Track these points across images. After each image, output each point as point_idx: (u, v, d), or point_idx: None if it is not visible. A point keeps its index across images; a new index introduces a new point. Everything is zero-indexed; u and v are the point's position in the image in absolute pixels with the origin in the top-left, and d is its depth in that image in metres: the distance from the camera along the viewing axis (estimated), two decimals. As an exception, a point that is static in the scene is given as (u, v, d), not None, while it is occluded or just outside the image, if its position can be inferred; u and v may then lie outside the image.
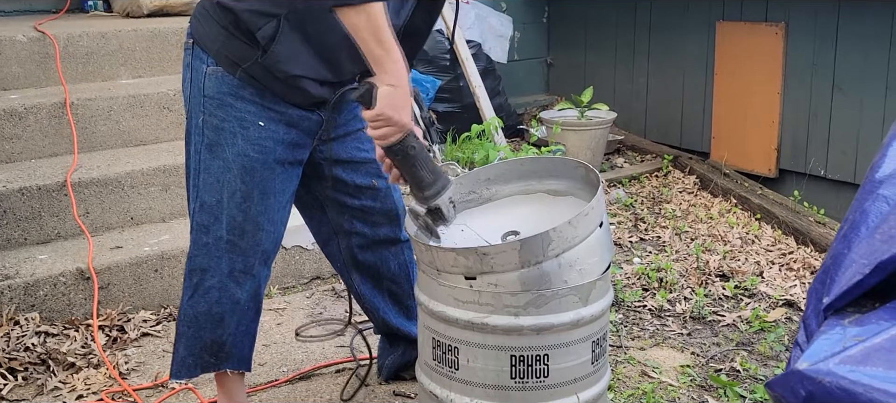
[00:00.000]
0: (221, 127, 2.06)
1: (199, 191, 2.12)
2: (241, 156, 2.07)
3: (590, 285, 1.95)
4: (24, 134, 3.48)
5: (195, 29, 2.08)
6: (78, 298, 2.99)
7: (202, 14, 2.08)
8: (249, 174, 2.08)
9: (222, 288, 2.17)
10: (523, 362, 1.95)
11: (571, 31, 5.77)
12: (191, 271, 2.18)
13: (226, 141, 2.06)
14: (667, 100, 5.18)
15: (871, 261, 1.12)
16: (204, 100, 2.06)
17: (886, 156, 1.23)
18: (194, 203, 2.13)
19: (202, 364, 2.25)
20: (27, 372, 2.67)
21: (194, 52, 2.08)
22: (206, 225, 2.13)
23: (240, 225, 2.12)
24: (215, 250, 2.14)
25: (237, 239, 2.13)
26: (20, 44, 3.84)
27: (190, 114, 2.12)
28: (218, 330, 2.21)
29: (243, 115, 2.06)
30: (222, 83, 2.04)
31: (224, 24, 2.01)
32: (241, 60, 2.02)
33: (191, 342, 2.23)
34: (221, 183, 2.09)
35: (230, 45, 2.02)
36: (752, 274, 3.46)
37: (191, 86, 2.09)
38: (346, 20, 1.87)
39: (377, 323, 2.59)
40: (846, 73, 4.23)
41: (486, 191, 2.28)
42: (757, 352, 2.86)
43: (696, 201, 4.43)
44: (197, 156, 2.11)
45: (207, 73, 2.05)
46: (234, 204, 2.10)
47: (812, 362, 1.00)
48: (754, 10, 4.61)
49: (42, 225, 3.20)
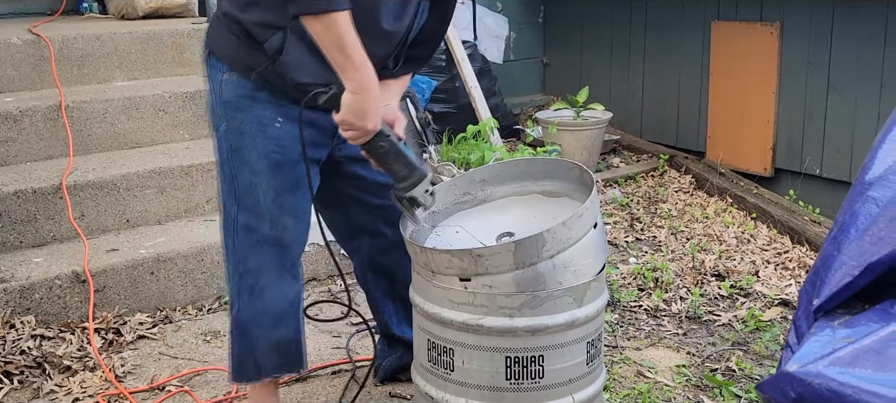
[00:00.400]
0: (242, 130, 2.11)
1: (237, 195, 2.15)
2: (264, 156, 2.11)
3: (584, 286, 1.95)
4: (19, 137, 3.48)
5: (210, 38, 2.15)
6: (74, 301, 2.99)
7: (215, 23, 2.15)
8: (277, 170, 2.12)
9: (276, 286, 2.20)
10: (518, 363, 1.95)
11: (567, 31, 5.77)
12: (245, 272, 2.19)
13: (248, 144, 2.11)
14: (663, 100, 5.19)
15: (861, 263, 1.13)
16: (224, 106, 2.12)
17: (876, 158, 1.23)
18: (234, 207, 2.16)
19: (275, 364, 2.26)
20: (23, 376, 2.67)
21: (210, 61, 2.14)
22: (251, 227, 2.16)
23: (281, 222, 2.16)
24: (265, 248, 2.17)
25: (281, 234, 2.17)
26: (15, 46, 3.83)
27: (215, 123, 2.17)
28: (281, 328, 2.24)
29: (261, 116, 2.10)
30: (238, 87, 2.09)
31: (235, 32, 2.06)
32: (254, 65, 2.06)
33: (260, 341, 2.23)
34: (254, 184, 2.13)
35: (242, 51, 2.06)
36: (748, 274, 3.46)
37: (212, 95, 2.15)
38: (309, 28, 1.92)
39: (380, 325, 2.61)
40: (841, 73, 4.24)
41: (480, 193, 2.29)
42: (752, 352, 2.86)
43: (691, 200, 4.44)
44: (229, 163, 2.15)
45: (224, 80, 2.10)
46: (269, 201, 2.14)
47: (802, 364, 1.01)
48: (749, 10, 4.61)
49: (37, 228, 3.20)
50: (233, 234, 2.19)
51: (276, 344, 2.25)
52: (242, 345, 2.26)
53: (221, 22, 2.11)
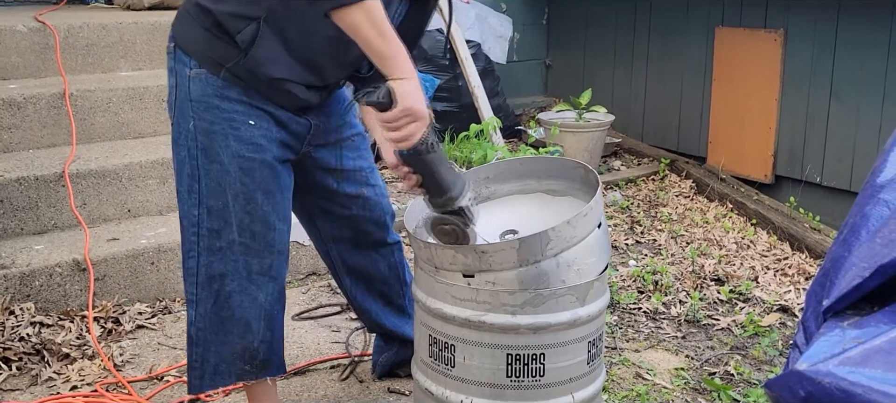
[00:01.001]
0: (212, 130, 2.00)
1: (201, 196, 2.05)
2: (236, 157, 2.02)
3: (587, 285, 1.95)
4: (22, 124, 3.47)
5: (177, 32, 2.04)
6: (73, 289, 2.99)
7: (183, 16, 2.04)
8: (249, 175, 2.03)
9: (243, 292, 2.11)
10: (519, 361, 1.95)
11: (571, 33, 5.78)
12: (209, 278, 2.10)
13: (218, 144, 2.01)
14: (665, 104, 5.19)
15: (872, 265, 1.13)
16: (191, 104, 2.01)
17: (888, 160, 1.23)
18: (198, 208, 2.06)
19: (237, 371, 2.18)
20: (21, 363, 2.67)
21: (176, 55, 2.03)
22: (216, 230, 2.06)
23: (249, 227, 2.07)
24: (230, 254, 2.08)
25: (249, 240, 2.07)
26: (20, 34, 3.83)
27: (178, 119, 2.05)
28: (247, 335, 2.15)
29: (232, 116, 2.00)
30: (207, 85, 1.99)
31: (206, 25, 1.97)
32: (223, 60, 1.97)
33: (221, 349, 2.15)
34: (223, 186, 2.03)
35: (212, 46, 1.97)
36: (747, 279, 3.47)
37: (176, 90, 2.03)
38: (345, 21, 1.84)
39: (371, 326, 2.59)
40: (843, 81, 4.25)
41: (484, 190, 2.29)
42: (751, 356, 2.87)
43: (692, 205, 4.44)
44: (193, 162, 2.04)
45: (191, 77, 2.00)
46: (239, 207, 2.05)
47: (812, 363, 1.01)
48: (754, 17, 4.62)
49: (39, 215, 3.20)
50: (195, 237, 2.08)
51: (242, 352, 2.16)
52: (203, 355, 2.16)
53: (191, 14, 2.00)
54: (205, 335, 2.14)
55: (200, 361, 2.17)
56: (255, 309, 2.14)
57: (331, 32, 1.92)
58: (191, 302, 2.15)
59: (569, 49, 5.81)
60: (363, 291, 2.50)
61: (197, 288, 2.12)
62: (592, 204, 1.94)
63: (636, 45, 5.32)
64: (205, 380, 2.18)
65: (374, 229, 2.40)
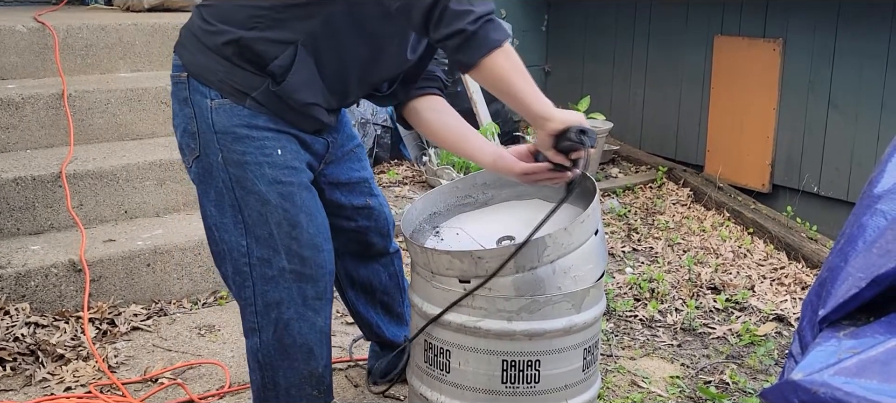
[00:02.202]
0: (244, 160, 1.96)
1: (247, 226, 2.00)
2: (274, 184, 1.97)
3: (583, 292, 1.95)
4: (20, 124, 3.47)
5: (187, 61, 1.98)
6: (69, 290, 2.98)
7: (193, 45, 1.98)
8: (289, 199, 1.99)
9: (301, 318, 2.07)
10: (514, 367, 1.95)
11: (570, 40, 5.78)
12: (266, 306, 2.05)
13: (254, 173, 1.96)
14: (663, 112, 5.20)
15: (868, 275, 1.13)
16: (217, 136, 1.95)
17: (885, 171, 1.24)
18: (246, 238, 2.01)
19: (307, 396, 2.15)
20: (16, 363, 2.66)
21: (191, 85, 1.96)
22: (267, 259, 2.01)
23: (297, 254, 2.02)
24: (282, 282, 2.03)
25: (300, 267, 2.03)
26: (19, 34, 3.83)
27: (203, 152, 1.99)
28: (312, 361, 2.12)
29: (263, 143, 1.96)
30: (233, 115, 1.94)
31: (226, 54, 1.93)
32: (248, 89, 1.93)
33: (289, 373, 2.11)
34: (264, 215, 1.98)
35: (235, 75, 1.93)
36: (744, 288, 3.47)
37: (197, 122, 1.97)
38: (491, 68, 1.82)
39: (371, 336, 2.60)
40: (842, 91, 4.25)
41: (482, 196, 2.29)
42: (746, 365, 2.87)
43: (689, 213, 4.44)
44: (231, 194, 1.99)
45: (213, 108, 1.94)
46: (284, 234, 2.00)
47: (807, 372, 1.01)
48: (753, 26, 4.63)
49: (35, 215, 3.20)
50: (247, 267, 2.03)
51: (308, 377, 2.14)
52: (273, 378, 2.13)
53: (202, 42, 1.95)
54: (271, 360, 2.10)
55: (272, 384, 2.13)
56: (315, 334, 2.10)
57: (364, 53, 1.95)
58: (253, 329, 2.10)
59: (568, 55, 5.81)
60: (365, 303, 2.51)
61: (257, 317, 2.08)
62: (589, 211, 1.94)
63: (635, 52, 5.32)
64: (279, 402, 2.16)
65: (378, 239, 2.41)
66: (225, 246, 2.04)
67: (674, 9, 5.05)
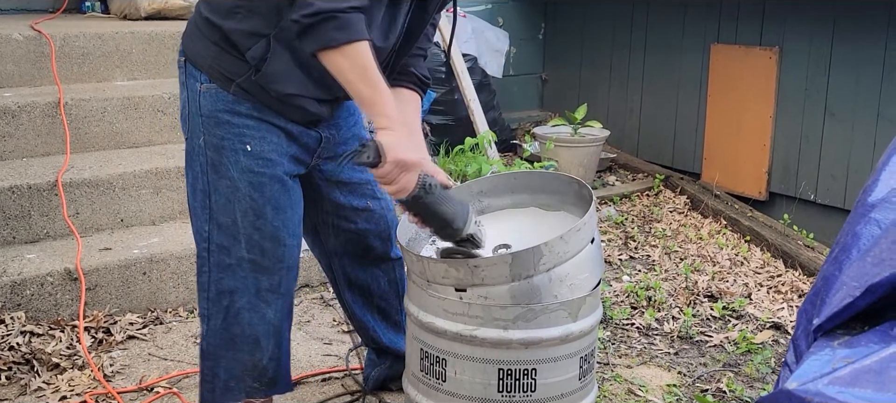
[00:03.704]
0: (222, 145, 2.00)
1: (212, 212, 2.05)
2: (246, 172, 2.01)
3: (580, 300, 1.95)
4: (16, 132, 3.47)
5: (187, 46, 2.05)
6: (65, 298, 2.97)
7: (193, 31, 2.04)
8: (258, 190, 2.03)
9: (253, 309, 2.11)
10: (511, 376, 1.95)
11: (567, 48, 5.79)
12: (219, 294, 2.10)
13: (228, 159, 2.00)
14: (660, 120, 5.20)
15: (862, 284, 1.13)
16: (202, 120, 2.01)
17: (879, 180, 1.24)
18: (209, 224, 2.06)
19: (246, 388, 2.18)
20: (11, 372, 2.65)
21: (187, 69, 2.03)
22: (226, 247, 2.06)
23: (258, 244, 2.06)
24: (239, 271, 2.07)
25: (259, 257, 2.07)
26: (16, 42, 3.83)
27: (190, 134, 2.05)
28: (256, 353, 2.15)
29: (242, 131, 2.00)
30: (217, 100, 1.99)
31: (215, 39, 1.98)
32: (234, 75, 1.97)
33: (231, 364, 2.15)
34: (232, 202, 2.03)
35: (222, 60, 1.97)
36: (741, 296, 3.47)
37: (187, 105, 2.04)
38: (330, 65, 1.83)
39: (367, 340, 2.59)
40: (838, 99, 4.26)
41: (478, 204, 2.29)
42: (743, 374, 2.86)
43: (686, 221, 4.44)
44: (204, 177, 2.04)
45: (202, 91, 2.00)
46: (248, 223, 2.04)
47: (801, 382, 1.01)
48: (749, 34, 4.64)
49: (31, 224, 3.19)
50: (206, 252, 2.09)
51: (251, 369, 2.17)
52: (213, 369, 2.17)
53: (200, 29, 2.01)
54: (215, 350, 2.15)
55: (211, 375, 2.18)
56: (264, 325, 2.14)
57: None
58: (203, 316, 2.16)
59: (565, 64, 5.82)
60: (362, 306, 2.50)
61: (208, 304, 2.13)
62: (586, 220, 1.94)
63: (632, 60, 5.33)
64: (216, 395, 2.19)
65: (379, 243, 2.39)
66: (194, 228, 2.12)
67: (670, 17, 5.06)
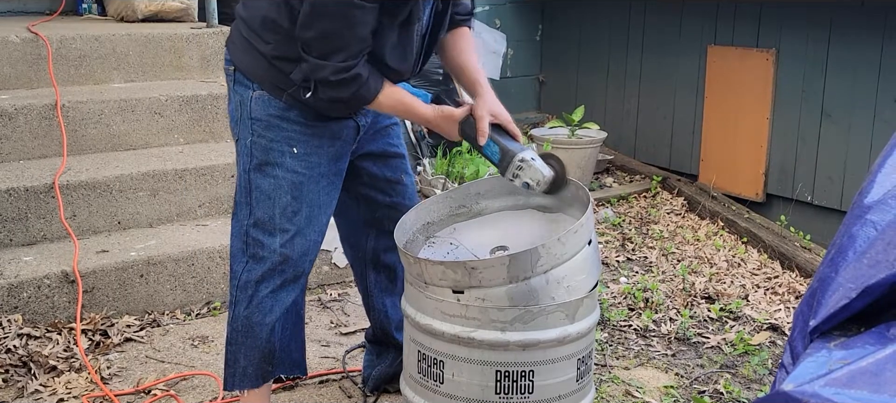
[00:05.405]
0: (270, 147, 2.15)
1: (252, 208, 2.19)
2: (290, 173, 2.15)
3: (577, 302, 1.95)
4: (13, 134, 3.46)
5: (236, 57, 2.18)
6: (62, 301, 2.97)
7: (240, 43, 2.17)
8: (299, 190, 2.17)
9: (274, 297, 2.24)
10: (508, 377, 1.95)
11: (564, 50, 5.79)
12: (246, 283, 2.23)
13: (275, 160, 2.15)
14: (657, 122, 5.21)
15: (859, 285, 1.14)
16: (252, 123, 2.15)
17: (875, 181, 1.24)
18: (249, 219, 2.20)
19: (262, 373, 2.31)
20: (8, 375, 2.65)
21: (237, 78, 2.17)
22: (261, 241, 2.20)
23: (291, 240, 2.20)
24: (270, 263, 2.21)
25: (289, 251, 2.20)
26: (12, 44, 3.82)
27: (240, 135, 2.20)
28: (272, 338, 2.29)
29: (290, 135, 2.14)
30: (269, 106, 2.13)
31: (265, 53, 2.11)
32: (285, 85, 2.11)
33: (249, 352, 2.28)
34: (273, 200, 2.17)
35: (273, 73, 2.11)
36: (738, 297, 3.47)
37: (239, 109, 2.18)
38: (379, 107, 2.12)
39: (375, 326, 2.60)
40: (835, 100, 4.26)
41: (475, 206, 2.29)
42: (740, 375, 2.86)
43: (683, 223, 4.45)
44: (246, 176, 2.19)
45: (254, 97, 2.14)
46: (285, 220, 2.18)
47: (798, 383, 1.01)
48: (746, 36, 4.64)
49: (28, 226, 3.19)
50: (242, 243, 2.23)
51: (268, 355, 2.29)
52: (235, 355, 2.30)
53: (250, 43, 2.14)
54: (237, 336, 2.28)
55: (233, 361, 2.30)
56: (282, 312, 2.28)
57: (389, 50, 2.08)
58: (231, 302, 2.29)
59: (562, 66, 5.82)
60: (383, 289, 2.55)
61: (237, 291, 2.26)
62: (583, 221, 1.95)
63: (629, 62, 5.34)
64: (235, 380, 2.31)
65: None
66: (235, 220, 2.25)
67: (667, 19, 5.06)
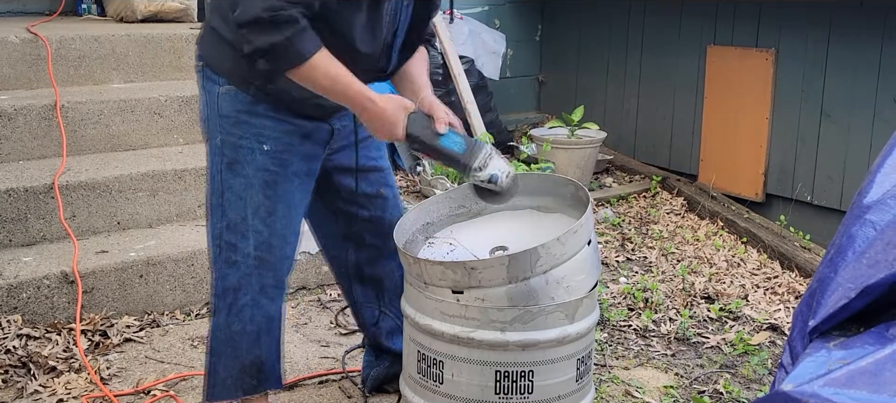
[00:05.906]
0: (239, 144, 2.07)
1: (224, 210, 2.12)
2: (261, 170, 2.08)
3: (577, 302, 1.95)
4: (12, 135, 3.46)
5: (204, 51, 2.12)
6: (61, 302, 2.97)
7: (209, 36, 2.11)
8: (271, 188, 2.10)
9: (256, 305, 2.17)
10: (508, 378, 1.95)
11: (564, 50, 5.79)
12: (224, 290, 2.16)
13: (245, 158, 2.08)
14: (656, 122, 5.21)
15: (858, 286, 1.13)
16: (220, 120, 2.08)
17: (874, 181, 1.24)
18: (220, 222, 2.13)
19: (244, 385, 2.24)
20: (7, 375, 2.65)
21: (205, 73, 2.11)
22: (234, 244, 2.13)
23: (266, 241, 2.12)
24: (245, 268, 2.14)
25: (265, 254, 2.13)
26: (12, 45, 3.82)
27: (209, 135, 2.13)
28: (255, 349, 2.21)
29: (260, 131, 2.07)
30: (236, 100, 2.06)
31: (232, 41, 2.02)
32: (252, 78, 2.03)
33: (230, 362, 2.21)
34: (245, 200, 2.10)
35: (240, 65, 2.02)
36: (737, 297, 3.47)
37: (206, 107, 2.12)
38: (299, 80, 1.93)
39: (368, 335, 2.58)
40: (834, 100, 4.27)
41: (475, 206, 2.29)
42: (740, 375, 2.86)
43: (683, 223, 4.45)
44: (219, 176, 2.11)
45: (220, 93, 2.07)
46: (258, 220, 2.11)
47: (797, 383, 1.01)
48: (745, 35, 4.64)
49: (28, 227, 3.19)
50: (216, 248, 2.16)
51: (251, 366, 2.22)
52: (215, 365, 2.23)
53: (216, 34, 2.07)
54: (218, 346, 2.22)
55: (212, 371, 2.24)
56: (265, 321, 2.20)
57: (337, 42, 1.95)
58: (212, 311, 2.22)
59: (562, 66, 5.82)
60: (370, 301, 2.51)
61: (216, 299, 2.19)
62: (582, 221, 1.94)
63: (628, 62, 5.34)
64: (215, 390, 2.25)
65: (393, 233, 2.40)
66: (209, 225, 2.17)
67: (667, 19, 5.06)
